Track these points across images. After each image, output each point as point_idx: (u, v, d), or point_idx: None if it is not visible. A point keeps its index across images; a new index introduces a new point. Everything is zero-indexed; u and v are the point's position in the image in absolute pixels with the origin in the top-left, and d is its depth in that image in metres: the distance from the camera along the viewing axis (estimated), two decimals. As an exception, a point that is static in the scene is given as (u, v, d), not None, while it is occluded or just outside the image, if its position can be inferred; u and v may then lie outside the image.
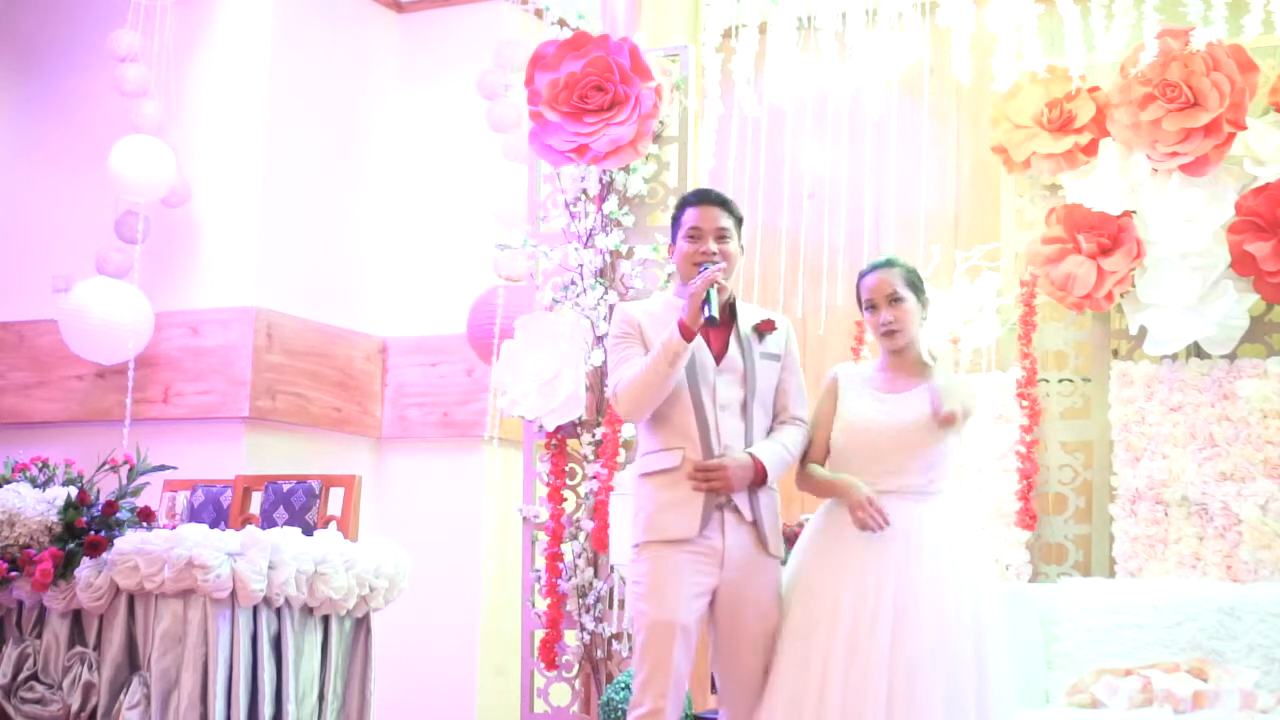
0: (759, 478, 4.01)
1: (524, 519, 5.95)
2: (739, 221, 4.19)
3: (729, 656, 4.08)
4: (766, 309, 4.28)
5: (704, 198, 4.17)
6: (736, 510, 4.02)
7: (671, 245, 4.21)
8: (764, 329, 4.14)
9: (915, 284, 4.12)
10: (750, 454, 4.02)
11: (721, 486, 3.98)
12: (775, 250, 6.43)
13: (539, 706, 5.85)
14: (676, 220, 4.18)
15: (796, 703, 3.89)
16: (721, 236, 4.11)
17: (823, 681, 3.85)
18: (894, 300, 4.07)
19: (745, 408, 4.07)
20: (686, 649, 3.96)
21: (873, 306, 4.11)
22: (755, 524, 4.04)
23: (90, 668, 5.33)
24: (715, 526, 4.01)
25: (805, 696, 3.88)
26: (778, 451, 4.07)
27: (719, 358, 4.08)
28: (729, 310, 4.13)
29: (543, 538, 5.84)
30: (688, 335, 3.93)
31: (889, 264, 4.14)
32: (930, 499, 4.01)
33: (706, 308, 3.91)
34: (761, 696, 3.99)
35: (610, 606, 5.71)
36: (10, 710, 5.44)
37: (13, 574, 5.41)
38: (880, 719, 3.77)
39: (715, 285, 3.94)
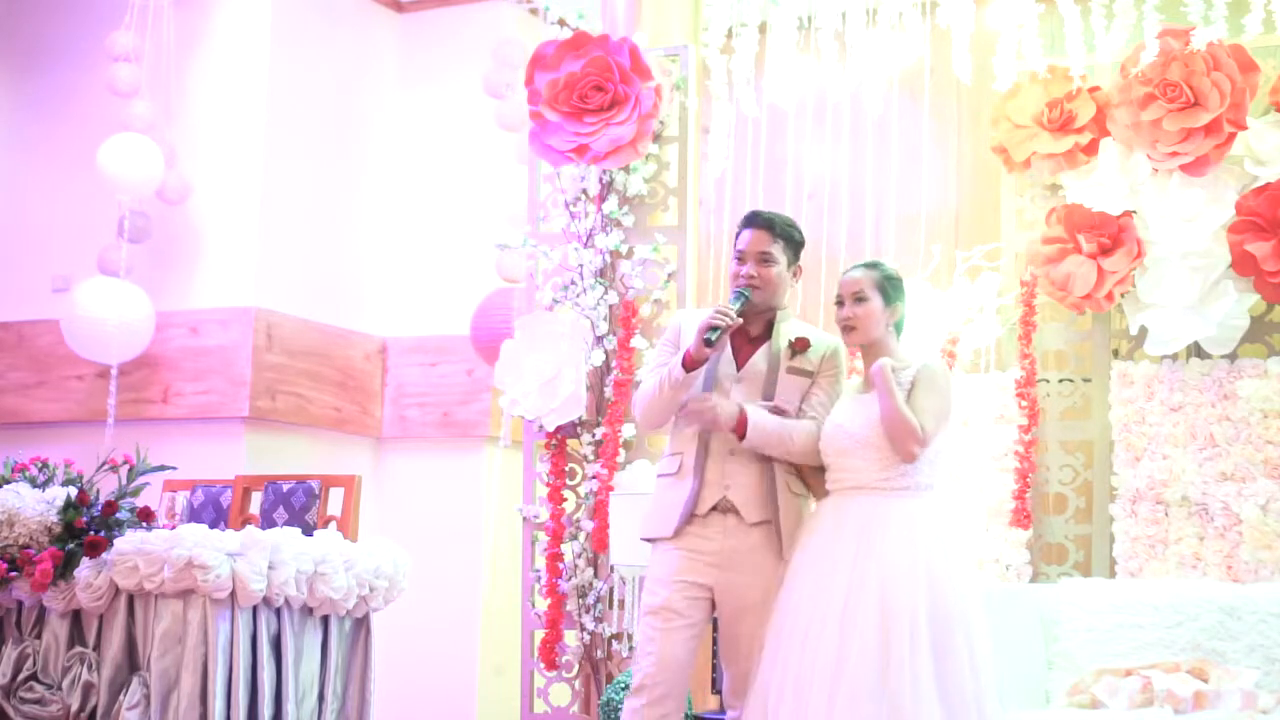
0: (740, 428, 4.06)
1: (524, 519, 5.95)
2: (792, 244, 4.25)
3: (729, 656, 4.16)
4: (827, 333, 4.34)
5: (751, 220, 4.26)
6: (738, 513, 4.09)
7: None
8: (798, 346, 4.20)
9: (887, 290, 4.15)
10: (741, 406, 4.09)
11: (709, 419, 4.06)
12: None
13: (539, 706, 5.85)
14: (736, 237, 4.28)
15: (769, 697, 3.93)
16: (764, 260, 4.19)
17: (782, 678, 3.90)
18: (858, 299, 4.13)
19: None
20: (671, 629, 4.04)
21: (839, 302, 4.18)
22: (769, 523, 4.09)
23: (90, 668, 5.33)
24: (717, 528, 4.09)
25: (771, 692, 3.92)
26: (771, 418, 4.11)
27: (740, 366, 4.18)
28: (767, 327, 4.22)
29: (543, 538, 5.84)
30: (689, 366, 4.07)
31: (869, 266, 4.22)
32: (901, 496, 4.01)
33: (709, 336, 4.02)
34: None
35: (610, 606, 5.71)
36: (10, 710, 5.44)
37: (12, 574, 5.40)
38: (822, 713, 3.79)
39: (724, 322, 4.03)
